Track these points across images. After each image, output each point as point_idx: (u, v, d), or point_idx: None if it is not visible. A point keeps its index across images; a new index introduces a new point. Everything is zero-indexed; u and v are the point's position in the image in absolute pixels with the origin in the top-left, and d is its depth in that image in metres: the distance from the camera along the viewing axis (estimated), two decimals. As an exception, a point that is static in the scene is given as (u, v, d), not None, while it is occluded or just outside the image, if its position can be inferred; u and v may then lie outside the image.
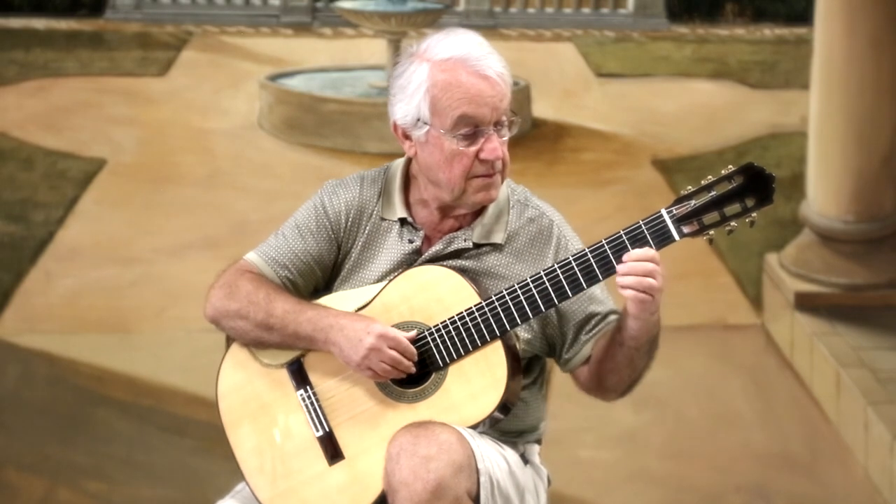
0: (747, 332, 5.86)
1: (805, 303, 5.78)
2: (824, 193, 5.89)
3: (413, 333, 2.92)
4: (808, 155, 5.94)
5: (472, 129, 2.90)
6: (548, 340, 3.02)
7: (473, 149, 2.91)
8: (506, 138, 2.94)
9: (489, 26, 6.57)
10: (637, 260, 2.80)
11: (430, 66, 2.91)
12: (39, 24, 6.38)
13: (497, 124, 2.92)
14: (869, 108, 5.81)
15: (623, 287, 2.81)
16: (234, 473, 3.04)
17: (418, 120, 2.93)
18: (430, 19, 6.53)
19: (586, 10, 6.76)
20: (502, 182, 2.98)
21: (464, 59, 2.90)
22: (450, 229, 3.01)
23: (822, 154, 5.90)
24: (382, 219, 3.03)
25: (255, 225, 5.59)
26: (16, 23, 6.35)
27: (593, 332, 2.99)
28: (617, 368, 2.96)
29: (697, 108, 6.23)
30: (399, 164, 3.06)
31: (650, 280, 2.80)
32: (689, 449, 5.40)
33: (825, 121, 5.88)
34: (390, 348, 2.89)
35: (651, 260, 2.80)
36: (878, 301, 5.82)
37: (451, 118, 2.90)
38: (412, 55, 2.94)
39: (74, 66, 6.31)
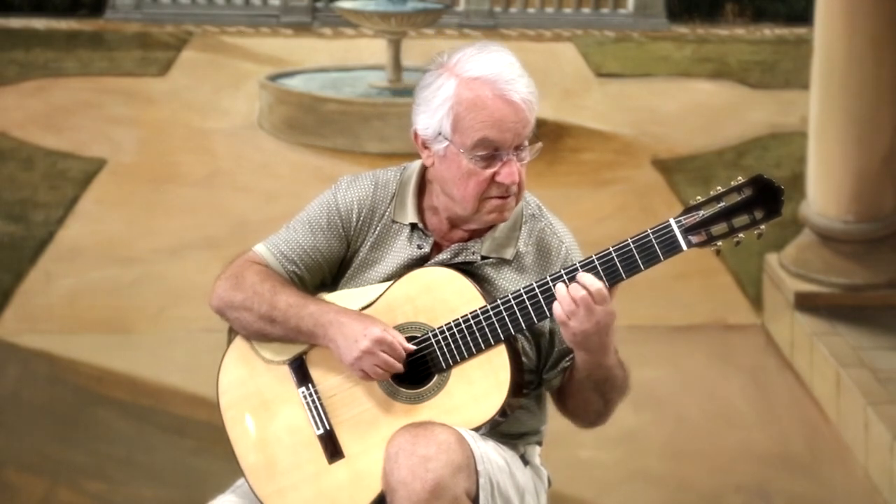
0: (747, 332, 5.85)
1: (805, 303, 5.78)
2: (824, 193, 5.89)
3: (412, 347, 2.91)
4: (808, 155, 5.93)
5: (491, 151, 2.89)
6: (539, 355, 3.01)
7: (490, 171, 2.90)
8: (525, 162, 2.92)
9: (489, 26, 6.57)
10: (589, 284, 2.79)
11: (458, 83, 2.88)
12: (39, 24, 6.38)
13: (518, 148, 2.90)
14: (869, 108, 5.81)
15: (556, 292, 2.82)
16: (234, 473, 3.04)
17: (439, 134, 2.91)
18: (430, 19, 6.53)
19: (586, 10, 6.76)
20: (516, 204, 2.96)
21: (493, 80, 2.87)
22: (460, 239, 3.00)
23: (822, 154, 5.90)
24: (394, 221, 3.02)
25: (255, 225, 5.59)
26: (16, 23, 6.35)
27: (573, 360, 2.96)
28: (573, 394, 2.97)
29: (697, 108, 6.23)
30: (416, 166, 3.04)
31: (573, 306, 2.79)
32: (689, 449, 5.39)
33: (825, 121, 5.88)
34: (384, 353, 2.89)
35: (594, 294, 2.78)
36: (878, 301, 5.82)
37: (472, 139, 2.88)
38: (441, 66, 2.92)
39: (74, 66, 6.31)
